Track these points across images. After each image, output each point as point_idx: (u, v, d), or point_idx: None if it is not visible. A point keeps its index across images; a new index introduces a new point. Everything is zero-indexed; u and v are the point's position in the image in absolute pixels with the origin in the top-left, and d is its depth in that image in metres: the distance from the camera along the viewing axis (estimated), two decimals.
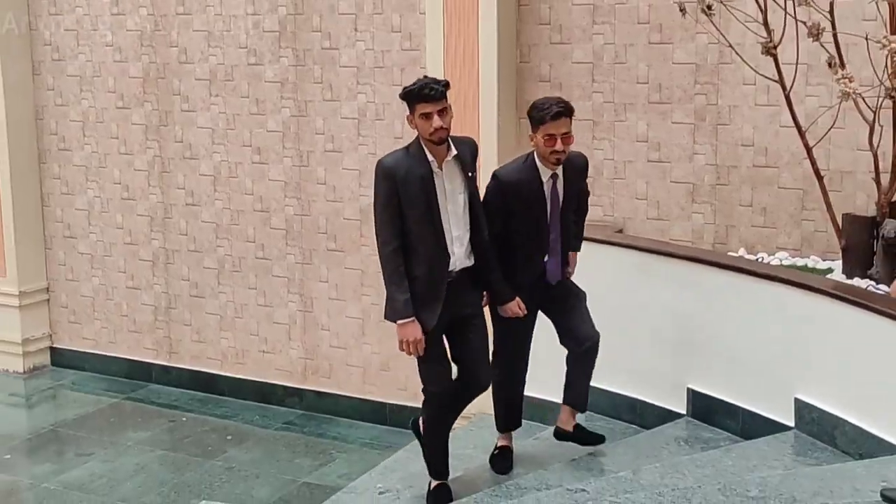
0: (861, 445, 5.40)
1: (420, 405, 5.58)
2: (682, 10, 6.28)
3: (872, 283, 5.81)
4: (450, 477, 5.59)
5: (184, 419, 8.90)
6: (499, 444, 5.92)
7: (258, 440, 8.43)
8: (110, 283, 9.83)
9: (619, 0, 7.38)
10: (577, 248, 5.83)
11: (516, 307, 5.41)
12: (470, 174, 5.23)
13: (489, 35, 7.47)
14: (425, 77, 5.27)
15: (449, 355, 5.35)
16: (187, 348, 9.52)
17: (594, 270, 5.94)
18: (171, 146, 9.28)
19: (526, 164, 5.42)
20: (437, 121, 5.00)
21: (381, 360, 8.57)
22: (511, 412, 5.86)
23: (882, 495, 4.56)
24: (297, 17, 8.54)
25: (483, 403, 5.69)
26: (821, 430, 5.65)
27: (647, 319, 6.34)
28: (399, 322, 5.12)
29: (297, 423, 8.73)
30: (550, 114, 5.23)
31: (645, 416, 6.61)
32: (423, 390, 5.44)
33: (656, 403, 6.56)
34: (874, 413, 5.37)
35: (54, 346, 10.22)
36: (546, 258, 5.51)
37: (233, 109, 8.94)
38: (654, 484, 5.14)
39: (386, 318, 5.32)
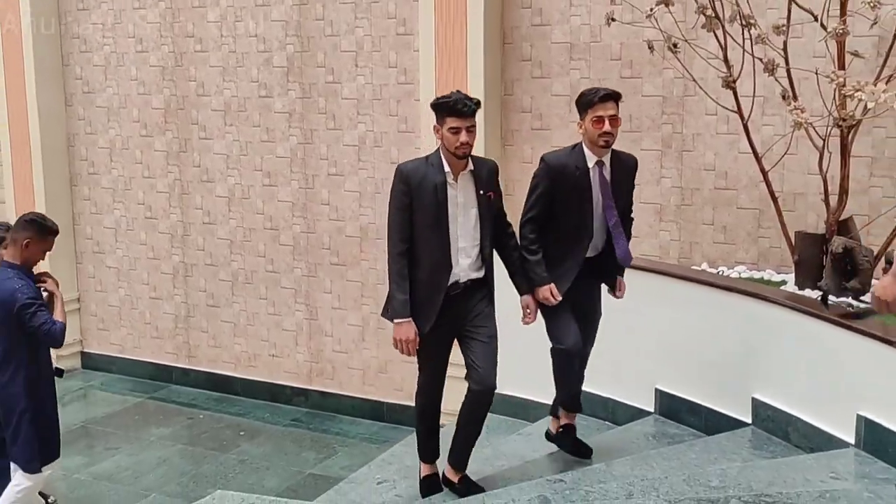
0: (811, 440, 5.40)
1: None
2: (651, 48, 6.29)
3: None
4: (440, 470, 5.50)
5: (201, 416, 8.86)
6: (562, 422, 5.63)
7: (268, 435, 8.38)
8: (135, 293, 9.80)
9: (594, 39, 7.39)
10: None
11: (548, 293, 5.09)
12: (482, 192, 4.93)
13: (476, 71, 7.47)
14: (458, 91, 4.93)
15: (446, 368, 5.12)
16: (204, 353, 9.49)
17: None
18: (190, 170, 9.26)
19: (574, 150, 5.18)
20: (464, 136, 4.76)
21: (379, 364, 8.55)
22: (574, 398, 5.54)
23: None
24: (303, 54, 8.53)
25: None
26: (775, 426, 5.64)
27: (619, 326, 6.32)
28: (395, 321, 4.88)
29: (304, 421, 8.70)
30: (599, 95, 5.02)
31: (617, 413, 6.60)
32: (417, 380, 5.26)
33: (627, 402, 6.56)
34: (823, 411, 5.37)
35: (85, 350, 10.19)
36: (614, 241, 5.19)
37: (245, 137, 8.93)
38: (625, 475, 5.13)
39: (383, 315, 5.08)
